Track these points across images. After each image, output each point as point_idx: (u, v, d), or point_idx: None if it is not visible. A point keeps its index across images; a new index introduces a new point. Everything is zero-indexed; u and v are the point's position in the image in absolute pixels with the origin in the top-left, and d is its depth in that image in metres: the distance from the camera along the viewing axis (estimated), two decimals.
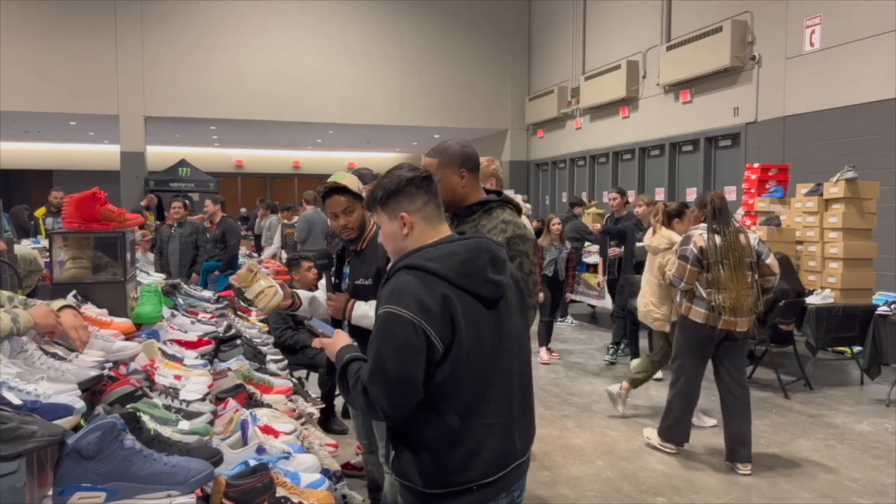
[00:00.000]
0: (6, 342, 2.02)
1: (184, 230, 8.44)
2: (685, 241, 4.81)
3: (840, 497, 4.26)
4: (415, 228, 1.97)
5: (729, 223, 4.70)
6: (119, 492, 1.68)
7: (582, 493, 4.33)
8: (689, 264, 4.66)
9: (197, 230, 8.44)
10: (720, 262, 4.59)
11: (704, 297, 4.63)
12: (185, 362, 2.77)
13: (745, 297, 4.60)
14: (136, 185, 15.10)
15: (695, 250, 4.67)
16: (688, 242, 4.75)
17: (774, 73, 9.81)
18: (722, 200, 4.75)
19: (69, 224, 3.06)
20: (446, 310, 1.83)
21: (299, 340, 5.34)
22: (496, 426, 1.93)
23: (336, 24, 15.77)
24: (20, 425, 1.57)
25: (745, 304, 4.59)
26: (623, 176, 13.90)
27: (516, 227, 2.55)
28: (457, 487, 1.89)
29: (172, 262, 8.38)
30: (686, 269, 4.67)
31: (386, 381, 1.81)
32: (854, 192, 6.90)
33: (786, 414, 5.87)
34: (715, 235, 4.65)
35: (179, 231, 8.47)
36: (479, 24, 16.66)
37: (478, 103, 16.88)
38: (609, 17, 14.00)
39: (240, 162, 23.26)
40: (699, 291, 4.66)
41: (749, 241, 4.72)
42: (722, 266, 4.58)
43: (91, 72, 14.52)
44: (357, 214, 3.18)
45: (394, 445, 1.98)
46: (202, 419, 2.26)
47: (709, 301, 4.61)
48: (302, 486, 2.19)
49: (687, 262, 4.68)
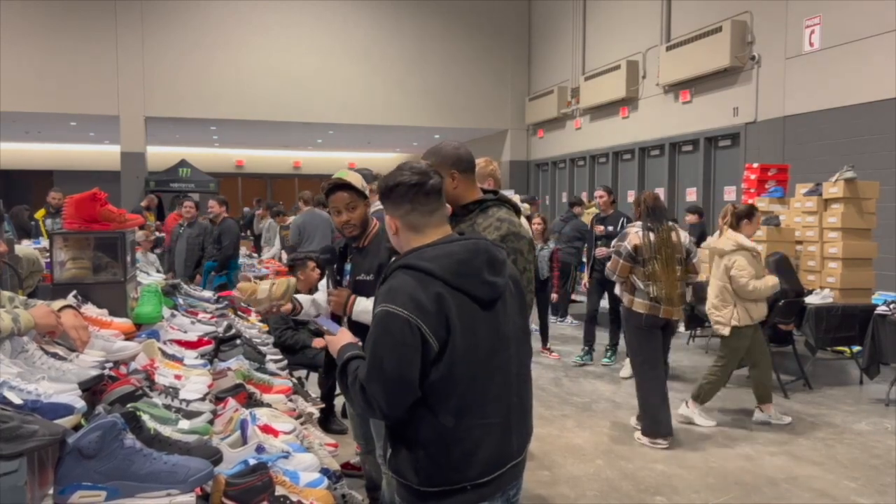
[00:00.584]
0: (7, 342, 2.03)
1: (192, 230, 8.48)
2: (622, 238, 5.30)
3: (840, 497, 4.26)
4: (399, 232, 2.02)
5: (662, 221, 5.20)
6: (119, 490, 1.69)
7: (581, 492, 4.34)
8: (622, 259, 5.16)
9: (205, 231, 8.49)
10: (654, 257, 5.06)
11: (643, 290, 5.09)
12: (185, 362, 2.77)
13: (676, 288, 5.10)
14: (137, 186, 15.10)
15: (629, 247, 5.15)
16: (624, 239, 5.25)
17: (774, 73, 9.81)
18: (655, 200, 5.27)
19: (69, 224, 3.06)
20: (441, 309, 1.85)
21: (299, 340, 5.35)
22: (493, 426, 1.94)
23: (336, 23, 15.77)
24: (21, 425, 1.58)
25: (677, 295, 5.10)
26: (623, 176, 13.91)
27: (511, 225, 2.56)
28: (452, 486, 1.91)
29: (178, 262, 8.42)
30: (619, 263, 5.18)
31: (382, 378, 1.84)
32: (853, 191, 6.90)
33: (785, 413, 5.88)
34: (649, 233, 5.12)
35: (188, 231, 8.51)
36: (480, 24, 16.66)
37: (478, 103, 16.88)
38: (609, 17, 14.00)
39: (240, 162, 23.26)
40: (638, 284, 5.11)
41: (680, 238, 5.24)
42: (656, 261, 5.06)
43: (91, 72, 14.52)
44: (360, 211, 3.20)
45: (391, 443, 2.00)
46: (202, 418, 2.27)
47: (648, 293, 5.07)
48: (301, 485, 2.20)
49: (620, 257, 5.17)
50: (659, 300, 5.03)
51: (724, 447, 5.10)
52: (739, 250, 5.36)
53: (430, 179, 1.99)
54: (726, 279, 5.41)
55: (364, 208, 3.21)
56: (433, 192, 1.99)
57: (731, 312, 5.41)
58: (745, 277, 5.31)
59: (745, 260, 5.35)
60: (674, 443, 5.16)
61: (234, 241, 8.66)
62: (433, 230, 2.00)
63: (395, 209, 2.01)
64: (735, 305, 5.39)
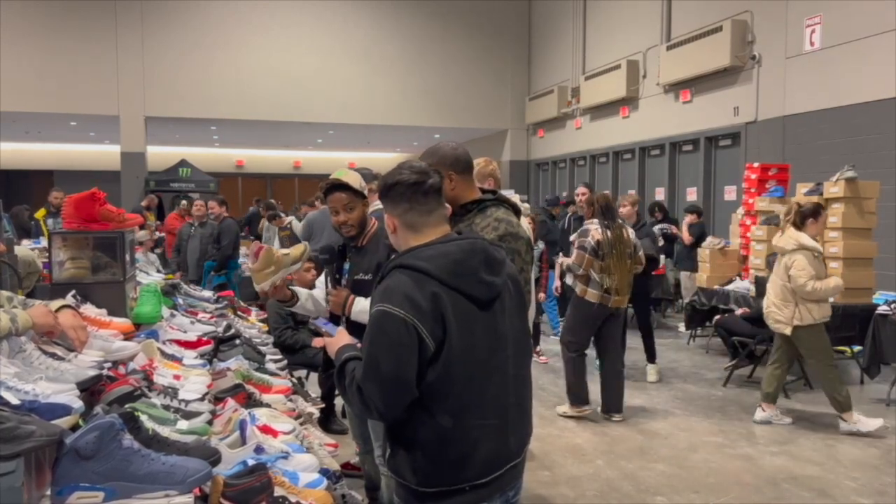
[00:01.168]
0: (5, 342, 2.03)
1: (205, 230, 8.50)
2: (583, 234, 5.68)
3: (840, 497, 4.26)
4: (397, 231, 2.03)
5: (614, 219, 5.72)
6: (117, 491, 1.68)
7: (582, 492, 4.33)
8: (588, 254, 5.55)
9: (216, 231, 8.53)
10: (611, 251, 5.54)
11: (598, 281, 5.53)
12: (185, 362, 2.77)
13: (625, 280, 5.59)
14: (137, 186, 15.10)
15: (592, 242, 5.56)
16: (586, 235, 5.63)
17: (774, 72, 9.80)
18: (607, 201, 5.76)
19: (69, 224, 3.06)
20: (437, 308, 1.84)
21: (299, 340, 5.34)
22: (490, 427, 1.94)
23: (337, 23, 15.77)
24: (18, 425, 1.58)
25: (626, 286, 5.60)
26: (623, 176, 13.91)
27: (509, 226, 2.56)
28: (450, 486, 1.91)
29: (191, 261, 8.46)
30: (584, 257, 5.55)
31: (379, 378, 1.83)
32: (854, 191, 6.89)
33: (786, 413, 5.87)
34: (606, 230, 5.61)
35: (200, 231, 8.54)
36: (480, 24, 16.66)
37: (478, 103, 16.88)
38: (609, 16, 14.00)
39: (240, 162, 23.27)
40: (593, 276, 5.54)
41: (629, 234, 5.77)
42: (612, 255, 5.54)
43: (91, 72, 14.52)
44: (358, 212, 3.19)
45: (390, 443, 1.99)
46: (201, 419, 2.26)
47: (601, 284, 5.53)
48: (300, 485, 2.19)
49: (585, 251, 5.56)
50: (610, 291, 5.53)
51: (724, 447, 5.10)
52: (800, 250, 5.28)
53: (430, 179, 1.98)
54: (786, 278, 5.34)
55: (362, 209, 3.21)
56: (432, 191, 1.99)
57: (793, 312, 5.34)
58: (803, 278, 5.23)
59: (805, 260, 5.26)
60: (674, 443, 5.17)
61: (233, 241, 8.67)
62: (431, 230, 2.00)
63: (394, 208, 2.01)
64: (797, 305, 5.32)
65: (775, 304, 5.48)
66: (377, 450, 3.24)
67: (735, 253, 8.52)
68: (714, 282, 8.24)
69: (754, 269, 7.66)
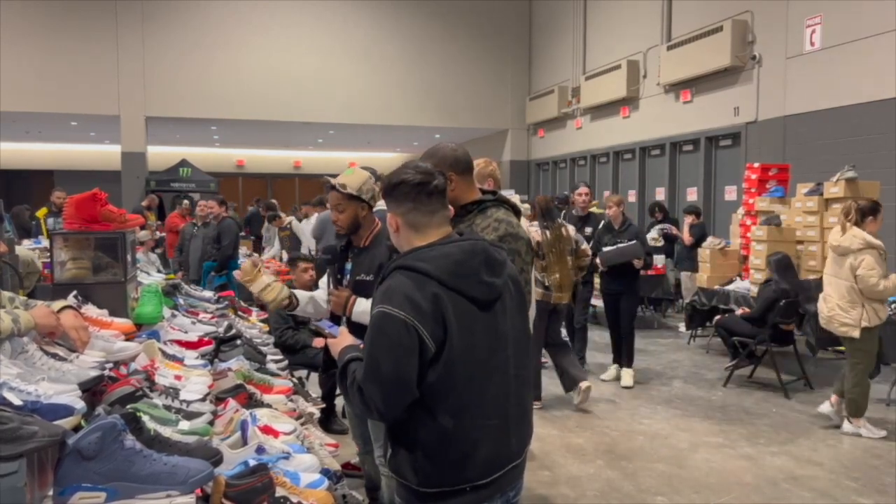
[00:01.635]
0: (7, 343, 2.03)
1: (208, 231, 8.51)
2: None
3: (840, 497, 4.26)
4: (400, 230, 2.03)
5: (555, 220, 6.03)
6: (119, 492, 1.69)
7: (582, 492, 4.34)
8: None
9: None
10: (550, 251, 5.80)
11: (540, 280, 5.74)
12: (186, 362, 2.77)
13: (568, 276, 5.89)
14: (137, 186, 15.10)
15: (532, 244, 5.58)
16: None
17: (775, 72, 9.80)
18: (547, 203, 6.10)
19: (70, 225, 3.06)
20: (437, 309, 1.85)
21: (299, 340, 5.34)
22: (491, 427, 1.94)
23: (337, 23, 15.76)
24: (21, 426, 1.58)
25: (568, 283, 5.89)
26: (623, 176, 13.91)
27: (509, 226, 2.56)
28: (451, 487, 1.91)
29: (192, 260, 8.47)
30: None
31: (379, 380, 1.84)
32: (854, 191, 6.89)
33: (786, 413, 5.88)
34: (546, 231, 5.89)
35: (203, 231, 8.54)
36: (480, 24, 16.65)
37: (478, 103, 16.87)
38: (609, 16, 14.00)
39: (240, 162, 23.26)
40: (536, 275, 5.57)
41: (569, 233, 6.06)
42: (552, 254, 5.81)
43: (92, 72, 14.52)
44: (347, 213, 3.22)
45: (391, 443, 2.00)
46: (202, 419, 2.27)
47: (543, 282, 5.75)
48: (301, 485, 2.19)
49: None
50: (550, 288, 5.80)
51: (724, 447, 5.10)
52: (867, 248, 5.13)
53: (434, 180, 1.99)
54: (853, 279, 5.17)
55: (353, 210, 3.23)
56: (436, 192, 1.99)
57: (861, 313, 5.17)
58: (874, 277, 5.10)
59: (872, 258, 5.13)
60: (674, 443, 5.17)
61: (233, 241, 8.67)
62: (434, 230, 2.00)
63: (397, 207, 2.01)
64: (863, 306, 5.17)
65: (840, 306, 5.25)
66: (378, 450, 3.24)
67: (735, 253, 8.53)
68: (714, 282, 8.24)
69: (754, 270, 7.66)
